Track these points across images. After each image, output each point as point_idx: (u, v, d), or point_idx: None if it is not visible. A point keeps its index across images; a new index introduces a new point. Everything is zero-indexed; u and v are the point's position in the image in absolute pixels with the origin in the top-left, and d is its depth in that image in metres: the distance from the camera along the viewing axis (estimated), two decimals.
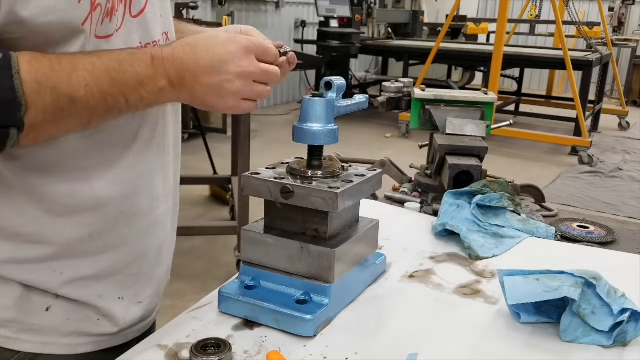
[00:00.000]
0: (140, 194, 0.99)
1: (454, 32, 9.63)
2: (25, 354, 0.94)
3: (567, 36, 7.90)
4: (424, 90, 1.80)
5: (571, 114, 7.47)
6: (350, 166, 1.09)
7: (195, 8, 6.01)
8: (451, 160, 1.53)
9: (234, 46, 0.89)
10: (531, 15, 9.15)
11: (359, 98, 1.10)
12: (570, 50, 7.43)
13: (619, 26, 9.91)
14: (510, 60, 7.45)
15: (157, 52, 0.86)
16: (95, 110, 0.82)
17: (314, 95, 1.02)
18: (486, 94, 1.78)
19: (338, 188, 0.95)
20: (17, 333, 0.93)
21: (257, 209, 2.22)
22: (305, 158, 1.05)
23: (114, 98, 0.83)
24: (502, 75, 7.68)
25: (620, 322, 0.95)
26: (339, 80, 1.03)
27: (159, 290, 1.12)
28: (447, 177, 1.53)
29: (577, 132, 6.97)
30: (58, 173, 0.90)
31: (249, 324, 0.98)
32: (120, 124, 0.92)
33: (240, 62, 0.89)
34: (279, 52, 0.96)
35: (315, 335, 0.95)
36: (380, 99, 1.88)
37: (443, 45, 7.86)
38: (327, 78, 1.03)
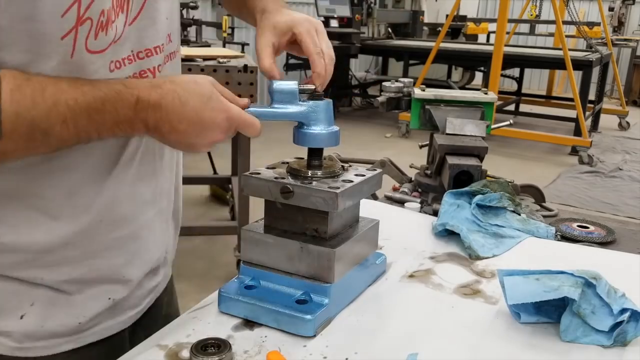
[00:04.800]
0: (122, 202, 0.99)
1: (454, 32, 9.63)
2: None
3: (567, 36, 7.90)
4: (424, 90, 1.80)
5: (571, 113, 7.47)
6: (350, 166, 1.09)
7: (195, 8, 6.00)
8: (451, 160, 1.53)
9: (221, 117, 0.89)
10: (531, 15, 9.15)
11: (293, 107, 1.00)
12: (570, 50, 7.43)
13: (619, 26, 9.92)
14: (510, 60, 7.45)
15: (145, 96, 0.85)
16: (66, 141, 0.83)
17: (313, 98, 1.01)
18: (486, 93, 1.78)
19: (338, 188, 0.95)
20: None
21: (257, 209, 2.22)
22: (305, 158, 1.05)
23: (87, 133, 0.83)
24: (502, 75, 7.68)
25: (620, 322, 0.96)
26: (281, 85, 0.99)
27: (157, 288, 1.12)
28: (447, 177, 1.53)
29: (577, 132, 6.97)
30: (38, 183, 0.90)
31: (249, 324, 0.98)
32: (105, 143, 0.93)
33: (220, 134, 0.90)
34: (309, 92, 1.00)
35: (315, 335, 0.95)
36: (380, 99, 1.88)
37: (443, 45, 7.86)
38: (274, 83, 0.99)
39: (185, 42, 5.45)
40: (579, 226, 1.53)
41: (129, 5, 0.91)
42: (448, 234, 1.38)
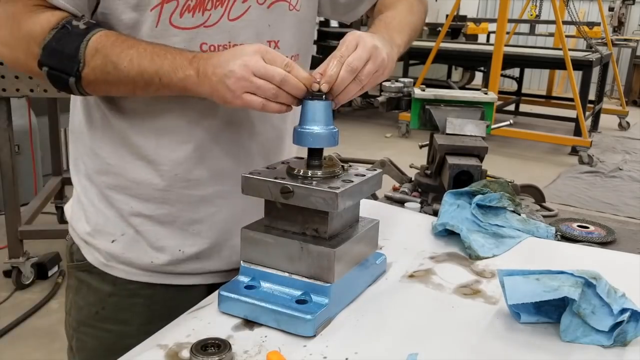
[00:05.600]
0: (200, 164, 1.17)
1: (454, 32, 9.63)
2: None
3: (567, 36, 7.91)
4: (424, 90, 1.80)
5: (571, 114, 7.47)
6: (350, 166, 1.09)
7: None
8: (451, 160, 1.53)
9: (248, 47, 1.00)
10: (531, 15, 9.16)
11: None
12: (570, 50, 7.43)
13: (619, 26, 9.92)
14: (510, 60, 7.45)
15: (200, 55, 1.03)
16: (135, 81, 1.03)
17: (313, 97, 1.01)
18: (486, 93, 1.78)
19: (338, 188, 0.95)
20: (92, 252, 1.24)
21: None
22: (305, 158, 1.05)
23: (149, 75, 1.02)
24: (502, 75, 7.68)
25: (620, 322, 0.95)
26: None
27: (229, 259, 1.25)
28: (447, 177, 1.53)
29: (577, 132, 6.97)
30: (147, 124, 1.15)
31: (249, 324, 0.98)
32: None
33: (245, 57, 0.98)
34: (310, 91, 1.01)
35: (315, 335, 0.95)
36: (380, 98, 1.88)
37: (443, 45, 7.86)
38: None
39: None
40: (579, 226, 1.53)
41: (229, 4, 1.09)
42: (448, 234, 1.38)
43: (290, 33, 1.19)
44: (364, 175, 1.05)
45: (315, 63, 1.11)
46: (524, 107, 9.15)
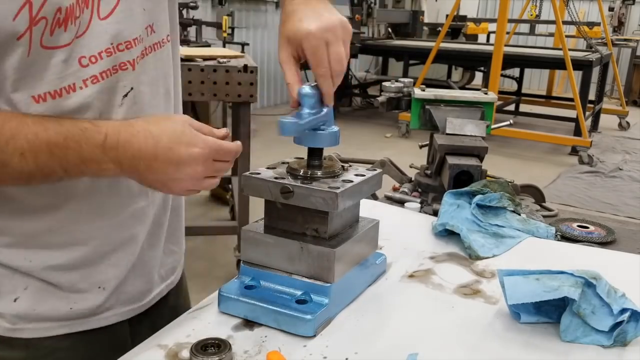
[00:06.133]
0: (110, 193, 1.01)
1: (454, 32, 9.63)
2: None
3: (567, 36, 7.90)
4: (424, 90, 1.80)
5: (571, 114, 7.47)
6: (350, 166, 1.09)
7: (195, 8, 6.01)
8: (451, 160, 1.53)
9: (197, 149, 0.89)
10: (531, 15, 9.15)
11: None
12: (570, 50, 7.43)
13: (619, 26, 9.93)
14: (510, 60, 7.45)
15: (114, 134, 0.87)
16: (31, 175, 0.86)
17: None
18: (486, 93, 1.78)
19: (338, 188, 0.95)
20: None
21: (257, 209, 2.22)
22: (305, 158, 1.05)
23: (51, 169, 0.85)
24: (502, 75, 7.68)
25: (620, 322, 0.95)
26: (308, 90, 0.99)
27: (150, 277, 1.13)
28: (447, 177, 1.53)
29: (577, 132, 6.97)
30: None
31: (249, 324, 0.98)
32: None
33: (198, 167, 0.90)
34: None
35: (315, 335, 0.95)
36: (380, 99, 1.88)
37: (443, 45, 7.86)
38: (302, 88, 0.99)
39: (185, 42, 5.45)
40: (579, 226, 1.53)
41: (95, 1, 0.90)
42: (448, 234, 1.38)
43: (164, 14, 1.05)
44: (364, 175, 1.05)
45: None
46: (524, 107, 9.15)
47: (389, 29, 9.64)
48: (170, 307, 1.20)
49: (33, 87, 0.88)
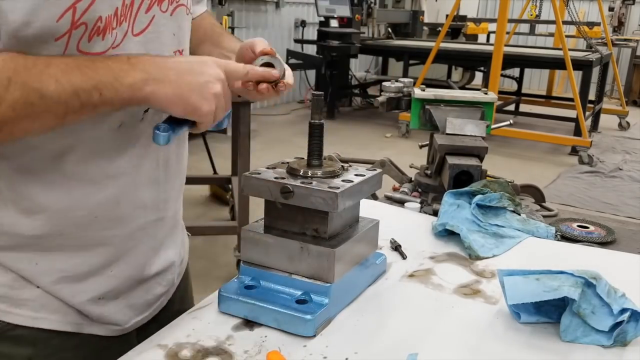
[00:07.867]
0: (120, 202, 1.01)
1: (454, 32, 9.63)
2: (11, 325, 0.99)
3: (567, 36, 7.90)
4: (424, 90, 1.80)
5: (571, 114, 7.46)
6: (350, 166, 1.09)
7: None
8: (451, 160, 1.53)
9: (210, 61, 0.94)
10: (531, 15, 9.15)
11: None
12: (570, 50, 7.43)
13: (619, 26, 9.92)
14: (510, 60, 7.45)
15: (135, 56, 0.90)
16: (68, 104, 0.83)
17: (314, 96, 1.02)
18: (486, 93, 1.78)
19: (338, 188, 0.95)
20: (10, 307, 0.98)
21: (257, 209, 2.22)
22: (305, 158, 1.05)
23: (87, 92, 0.84)
24: (502, 75, 7.68)
25: (620, 322, 0.96)
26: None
27: (147, 295, 1.13)
28: (447, 177, 1.53)
29: (577, 132, 6.97)
30: (39, 176, 0.93)
31: (249, 324, 0.98)
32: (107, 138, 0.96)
33: (214, 69, 0.93)
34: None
35: (315, 335, 0.95)
36: (380, 99, 1.88)
37: (443, 45, 7.86)
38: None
39: None
40: (579, 226, 1.53)
41: (132, 17, 0.93)
42: (448, 234, 1.38)
43: (188, 39, 1.10)
44: (364, 175, 1.05)
45: (315, 63, 1.10)
46: (524, 107, 9.15)
47: (389, 29, 9.65)
48: (175, 311, 1.20)
49: None
